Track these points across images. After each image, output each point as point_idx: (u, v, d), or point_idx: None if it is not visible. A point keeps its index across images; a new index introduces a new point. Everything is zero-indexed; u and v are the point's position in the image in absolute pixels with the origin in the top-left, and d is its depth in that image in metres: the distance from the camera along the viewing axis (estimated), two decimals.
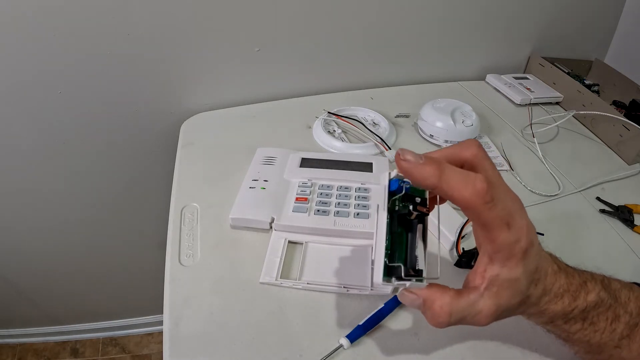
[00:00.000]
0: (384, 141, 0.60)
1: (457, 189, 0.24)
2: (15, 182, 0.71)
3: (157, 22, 0.58)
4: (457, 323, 0.27)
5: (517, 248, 0.25)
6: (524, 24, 0.80)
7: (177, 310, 0.38)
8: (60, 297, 0.98)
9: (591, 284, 0.29)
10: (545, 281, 0.28)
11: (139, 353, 1.12)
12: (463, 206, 0.25)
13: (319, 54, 0.70)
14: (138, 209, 0.82)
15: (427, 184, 0.25)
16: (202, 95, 0.68)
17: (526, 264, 0.26)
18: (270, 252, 0.43)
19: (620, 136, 0.64)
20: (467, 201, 0.24)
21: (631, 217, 0.52)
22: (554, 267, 0.29)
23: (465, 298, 0.26)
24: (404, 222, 0.28)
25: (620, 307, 0.29)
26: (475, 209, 0.24)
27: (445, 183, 0.24)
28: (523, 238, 0.26)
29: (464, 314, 0.26)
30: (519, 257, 0.26)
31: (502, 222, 0.25)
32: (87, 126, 0.66)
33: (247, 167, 0.52)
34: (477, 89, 0.79)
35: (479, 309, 0.26)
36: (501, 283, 0.26)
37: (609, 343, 0.29)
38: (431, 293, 0.27)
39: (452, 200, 0.25)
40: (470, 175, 0.25)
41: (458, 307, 0.26)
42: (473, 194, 0.24)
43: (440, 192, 0.25)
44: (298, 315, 0.38)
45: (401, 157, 0.25)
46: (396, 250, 0.27)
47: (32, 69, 0.58)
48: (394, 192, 0.28)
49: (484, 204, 0.24)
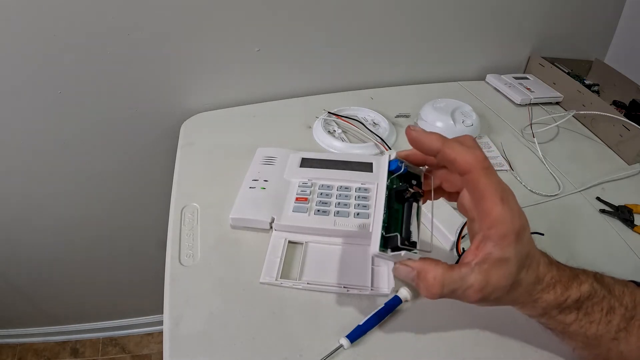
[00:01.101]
0: (384, 141, 0.60)
1: (459, 153, 0.27)
2: (15, 182, 0.71)
3: (157, 22, 0.58)
4: (448, 295, 0.28)
5: (510, 228, 0.27)
6: (524, 24, 0.80)
7: (177, 310, 0.38)
8: (60, 297, 0.98)
9: (583, 276, 0.30)
10: (538, 270, 0.29)
11: (139, 353, 1.12)
12: (463, 169, 0.27)
13: (319, 54, 0.70)
14: (138, 209, 0.82)
15: (432, 146, 0.28)
16: (202, 95, 0.68)
17: (518, 246, 0.27)
18: (271, 252, 0.43)
19: (621, 136, 0.64)
20: (467, 163, 0.27)
21: (631, 217, 0.52)
22: (546, 259, 0.30)
23: (457, 271, 0.28)
24: (401, 201, 0.31)
25: (615, 299, 0.30)
26: (474, 172, 0.27)
27: (448, 148, 0.27)
28: (516, 219, 0.27)
29: (455, 286, 0.28)
30: (511, 238, 0.27)
31: (496, 194, 0.27)
32: (87, 126, 0.66)
33: (247, 167, 0.52)
34: (477, 89, 0.79)
35: (470, 283, 0.27)
36: (493, 261, 0.27)
37: (606, 335, 0.30)
38: (425, 265, 0.28)
39: (453, 165, 0.28)
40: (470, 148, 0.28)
41: (450, 278, 0.28)
42: (473, 157, 0.27)
43: (443, 156, 0.28)
44: (298, 315, 0.38)
45: (411, 128, 0.29)
46: (392, 224, 0.30)
47: (32, 69, 0.58)
48: (393, 171, 0.31)
49: (482, 168, 0.27)
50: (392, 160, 0.31)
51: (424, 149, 0.29)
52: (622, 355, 0.30)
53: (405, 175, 0.31)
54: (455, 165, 0.27)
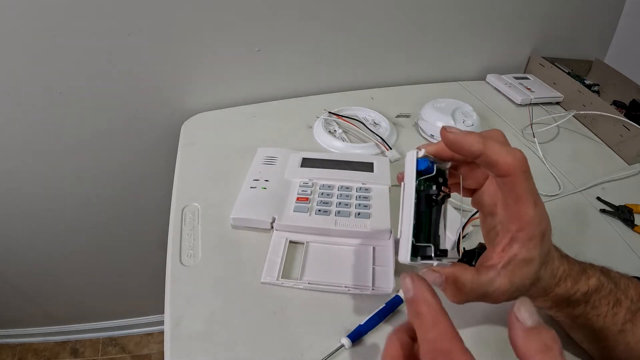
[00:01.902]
0: (384, 141, 0.60)
1: (501, 155, 0.26)
2: (15, 182, 0.71)
3: (158, 22, 0.58)
4: (477, 299, 0.28)
5: (539, 230, 0.27)
6: (524, 24, 0.80)
7: (178, 310, 0.38)
8: (60, 297, 0.98)
9: (591, 271, 0.31)
10: (553, 265, 0.29)
11: (139, 353, 1.12)
12: (504, 172, 0.26)
13: (320, 54, 0.70)
14: (138, 208, 0.82)
15: (473, 149, 0.26)
16: (203, 95, 0.68)
17: (543, 246, 0.27)
18: (271, 252, 0.43)
19: (621, 136, 0.64)
20: (510, 166, 0.26)
21: (631, 217, 0.52)
22: (558, 253, 0.30)
23: (485, 275, 0.27)
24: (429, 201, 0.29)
25: (621, 292, 0.31)
26: (515, 176, 0.26)
27: (490, 149, 0.26)
28: (544, 221, 0.27)
29: (484, 290, 0.27)
30: (538, 239, 0.27)
31: (531, 198, 0.26)
32: (87, 126, 0.66)
33: (248, 167, 0.52)
34: (477, 89, 0.79)
35: (496, 286, 0.27)
36: (518, 262, 0.27)
37: (612, 327, 0.30)
38: (454, 271, 0.28)
39: (493, 167, 0.26)
40: (508, 146, 0.27)
41: (479, 283, 0.27)
42: (516, 159, 0.26)
43: (484, 158, 0.26)
44: (299, 315, 0.38)
45: (447, 130, 0.27)
46: (422, 230, 0.28)
47: (32, 69, 0.57)
48: (421, 172, 0.28)
49: (523, 172, 0.26)
50: (421, 158, 0.28)
51: (463, 152, 0.27)
52: (629, 347, 0.30)
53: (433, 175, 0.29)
54: (496, 168, 0.26)
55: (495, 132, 0.29)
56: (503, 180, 0.27)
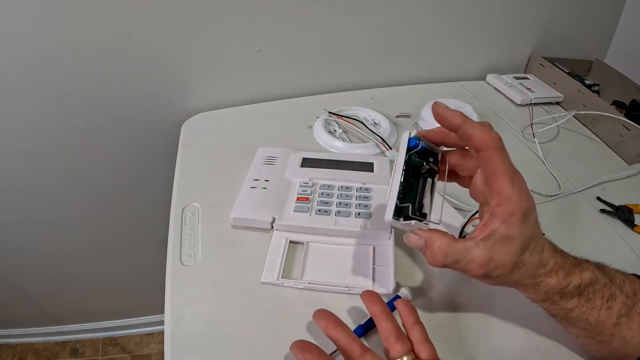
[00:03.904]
0: (384, 141, 0.60)
1: (477, 130, 0.29)
2: (15, 182, 0.71)
3: (158, 22, 0.58)
4: (451, 265, 0.30)
5: (518, 207, 0.28)
6: (524, 24, 0.80)
7: (178, 310, 0.38)
8: (60, 297, 0.98)
9: (585, 264, 0.31)
10: (542, 254, 0.30)
11: (139, 353, 1.12)
12: (479, 146, 0.29)
13: (320, 54, 0.70)
14: (139, 209, 0.82)
15: (454, 122, 0.29)
16: (203, 95, 0.68)
17: (524, 226, 0.29)
18: (272, 251, 0.43)
19: (621, 136, 0.64)
20: (484, 141, 0.28)
21: (631, 217, 0.52)
22: (551, 246, 0.31)
23: (461, 243, 0.30)
24: (417, 176, 0.33)
25: (616, 287, 0.31)
26: (489, 150, 0.28)
27: (468, 125, 0.29)
28: (524, 199, 0.29)
29: (458, 257, 0.29)
30: (518, 217, 0.28)
31: (507, 174, 0.28)
32: (87, 126, 0.66)
33: (248, 167, 0.52)
34: (477, 89, 0.79)
35: (473, 256, 0.29)
36: (498, 238, 0.29)
37: (607, 321, 0.30)
38: (432, 234, 0.30)
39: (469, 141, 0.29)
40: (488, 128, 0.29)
41: (454, 249, 0.29)
42: (490, 137, 0.28)
43: (462, 132, 0.29)
44: (299, 315, 0.38)
45: (437, 104, 0.30)
46: (407, 196, 0.32)
47: (32, 69, 0.57)
48: (411, 148, 0.33)
49: (497, 147, 0.28)
50: (412, 137, 0.33)
51: (446, 123, 0.30)
52: (625, 341, 0.30)
53: (422, 153, 0.33)
54: (472, 142, 0.29)
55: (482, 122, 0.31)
56: (479, 155, 0.29)
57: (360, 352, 0.30)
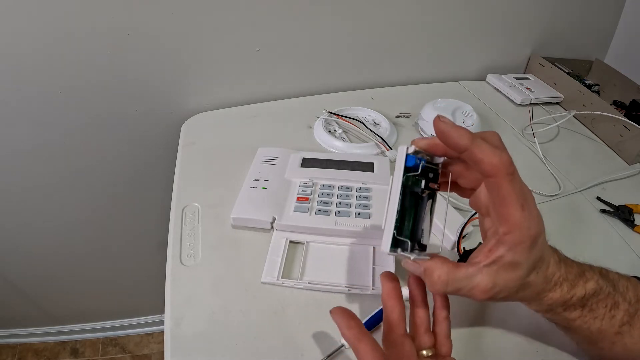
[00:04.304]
0: (384, 141, 0.60)
1: (486, 153, 0.26)
2: (15, 182, 0.71)
3: (158, 22, 0.58)
4: (454, 292, 0.28)
5: (527, 234, 0.26)
6: (524, 24, 0.80)
7: (178, 310, 0.38)
8: (60, 297, 0.98)
9: (589, 274, 0.30)
10: (547, 271, 0.29)
11: (139, 353, 1.12)
12: (488, 172, 0.26)
13: (320, 54, 0.70)
14: (139, 208, 0.82)
15: (460, 143, 0.26)
16: (203, 95, 0.68)
17: (532, 252, 0.27)
18: (272, 251, 0.43)
19: (621, 136, 0.64)
20: (493, 167, 0.26)
21: (631, 216, 0.52)
22: (555, 257, 0.30)
23: (462, 271, 0.28)
24: (415, 196, 0.29)
25: (619, 295, 0.30)
26: (498, 177, 0.26)
27: (476, 147, 0.26)
28: (533, 225, 0.27)
29: (459, 285, 0.28)
30: (527, 244, 0.27)
31: (518, 200, 0.26)
32: (87, 126, 0.66)
33: (248, 167, 0.52)
34: (477, 89, 0.79)
35: (475, 283, 0.27)
36: (503, 264, 0.27)
37: (609, 330, 0.30)
38: (432, 263, 0.28)
39: (478, 165, 0.27)
40: (497, 148, 0.27)
41: (455, 278, 0.28)
42: (500, 161, 0.26)
43: (469, 155, 0.26)
44: (299, 315, 0.38)
45: (440, 119, 0.27)
46: (405, 222, 0.29)
47: (32, 69, 0.57)
48: (409, 168, 0.29)
49: (507, 174, 0.26)
50: (410, 155, 0.29)
51: (450, 143, 0.27)
52: (626, 348, 0.30)
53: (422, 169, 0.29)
54: (481, 167, 0.26)
55: (490, 134, 0.28)
56: (489, 180, 0.27)
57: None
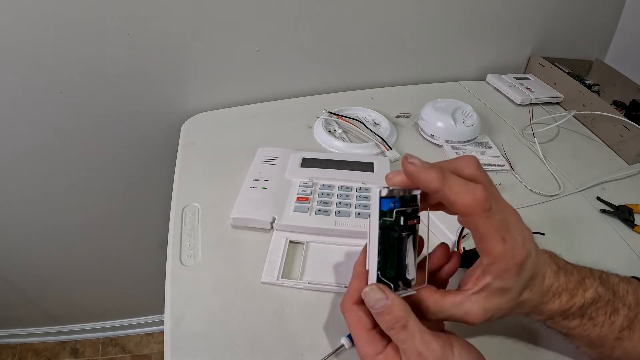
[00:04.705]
0: (384, 141, 0.60)
1: (458, 195, 0.25)
2: (15, 182, 0.71)
3: (158, 22, 0.58)
4: (445, 320, 0.29)
5: (512, 263, 0.26)
6: (524, 24, 0.80)
7: (178, 309, 0.38)
8: (60, 297, 0.98)
9: (589, 281, 0.30)
10: (543, 285, 0.28)
11: (139, 353, 1.12)
12: (462, 213, 0.26)
13: (320, 54, 0.70)
14: (139, 208, 0.82)
15: (430, 187, 0.26)
16: (203, 95, 0.68)
17: (521, 276, 0.27)
18: (272, 251, 0.43)
19: (621, 136, 0.64)
20: (467, 207, 0.25)
21: (631, 216, 0.52)
22: (553, 267, 0.29)
23: (450, 299, 0.28)
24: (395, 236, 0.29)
25: (619, 300, 0.30)
26: (474, 216, 0.25)
27: (447, 187, 0.25)
28: (519, 252, 0.26)
29: (449, 314, 0.28)
30: (513, 271, 0.26)
31: (498, 235, 0.26)
32: (87, 126, 0.66)
33: (248, 167, 0.52)
34: (477, 89, 0.79)
35: (465, 310, 0.28)
36: (492, 290, 0.27)
37: (609, 335, 0.30)
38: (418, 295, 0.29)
39: (452, 206, 0.26)
40: (470, 184, 0.26)
41: (442, 307, 0.28)
42: (473, 200, 0.25)
43: (442, 196, 0.26)
44: (299, 315, 0.38)
45: (408, 160, 0.26)
46: (388, 261, 0.29)
47: (32, 69, 0.57)
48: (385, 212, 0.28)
49: (482, 211, 0.25)
50: (384, 198, 0.28)
51: (421, 186, 0.27)
52: (626, 352, 0.30)
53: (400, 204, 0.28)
54: (455, 208, 0.26)
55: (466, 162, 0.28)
56: (464, 219, 0.26)
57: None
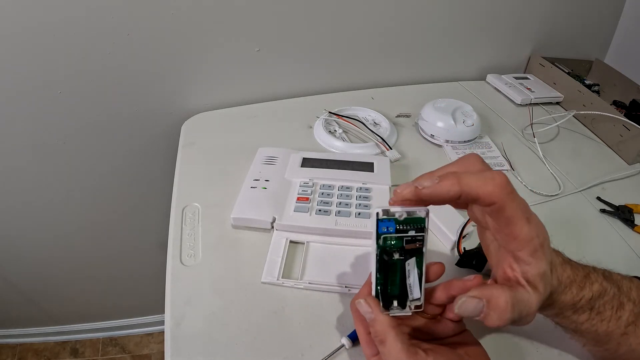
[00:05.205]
0: (384, 141, 0.60)
1: (480, 187, 0.25)
2: (15, 182, 0.71)
3: (158, 22, 0.58)
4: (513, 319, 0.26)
5: (537, 242, 0.26)
6: (524, 24, 0.80)
7: (178, 309, 0.38)
8: (60, 297, 0.98)
9: (594, 275, 0.30)
10: (557, 272, 0.29)
11: (139, 353, 1.12)
12: (489, 201, 0.25)
13: (320, 54, 0.70)
14: (139, 209, 0.82)
15: (451, 195, 0.26)
16: (203, 95, 0.68)
17: (547, 257, 0.27)
18: (272, 251, 0.43)
19: (621, 136, 0.64)
20: (492, 194, 0.25)
21: (631, 216, 0.52)
22: (560, 259, 0.30)
23: (521, 292, 0.26)
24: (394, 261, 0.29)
25: (624, 295, 0.30)
26: (500, 200, 0.25)
27: (466, 187, 0.25)
28: (541, 233, 0.27)
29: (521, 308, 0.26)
30: (540, 252, 0.26)
31: (523, 215, 0.26)
32: (87, 126, 0.66)
33: (248, 167, 0.52)
34: (477, 89, 0.79)
35: (531, 303, 0.26)
36: (535, 278, 0.27)
37: (616, 331, 0.30)
38: (492, 291, 0.26)
39: (477, 200, 0.26)
40: (486, 173, 0.26)
41: (516, 299, 0.26)
42: (496, 186, 0.25)
43: (465, 197, 0.26)
44: (299, 315, 0.38)
45: (419, 187, 0.26)
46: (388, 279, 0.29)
47: (32, 69, 0.57)
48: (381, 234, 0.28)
49: (508, 193, 0.25)
50: (381, 220, 0.28)
51: (443, 201, 0.26)
52: (631, 348, 0.30)
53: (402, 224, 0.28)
54: (479, 202, 0.26)
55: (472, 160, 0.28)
56: (490, 208, 0.26)
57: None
